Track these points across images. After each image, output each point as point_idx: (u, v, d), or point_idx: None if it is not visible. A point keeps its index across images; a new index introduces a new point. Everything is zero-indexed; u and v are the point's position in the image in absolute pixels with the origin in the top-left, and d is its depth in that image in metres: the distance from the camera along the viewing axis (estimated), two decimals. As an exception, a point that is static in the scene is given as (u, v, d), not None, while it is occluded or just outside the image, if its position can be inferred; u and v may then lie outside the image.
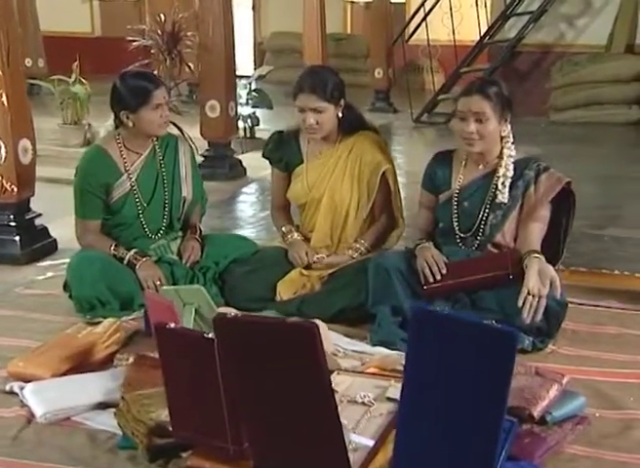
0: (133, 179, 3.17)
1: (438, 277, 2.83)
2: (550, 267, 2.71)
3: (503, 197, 2.86)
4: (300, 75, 3.18)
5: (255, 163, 6.21)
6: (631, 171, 6.20)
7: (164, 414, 2.10)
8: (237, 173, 5.86)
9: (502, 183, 2.86)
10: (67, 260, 3.74)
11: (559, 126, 8.32)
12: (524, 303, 2.63)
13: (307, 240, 3.32)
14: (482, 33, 9.08)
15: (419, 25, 8.95)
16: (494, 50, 9.27)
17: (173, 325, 1.92)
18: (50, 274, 3.61)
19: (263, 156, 3.43)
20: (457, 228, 2.96)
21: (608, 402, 2.39)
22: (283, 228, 3.35)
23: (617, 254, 3.99)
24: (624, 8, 8.57)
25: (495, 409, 1.70)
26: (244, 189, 5.61)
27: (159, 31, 6.13)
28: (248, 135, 6.92)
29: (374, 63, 9.30)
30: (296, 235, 3.30)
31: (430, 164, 3.07)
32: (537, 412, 2.14)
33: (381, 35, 9.12)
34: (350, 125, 3.25)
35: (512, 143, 2.90)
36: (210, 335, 1.86)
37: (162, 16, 6.07)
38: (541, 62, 9.00)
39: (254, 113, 6.92)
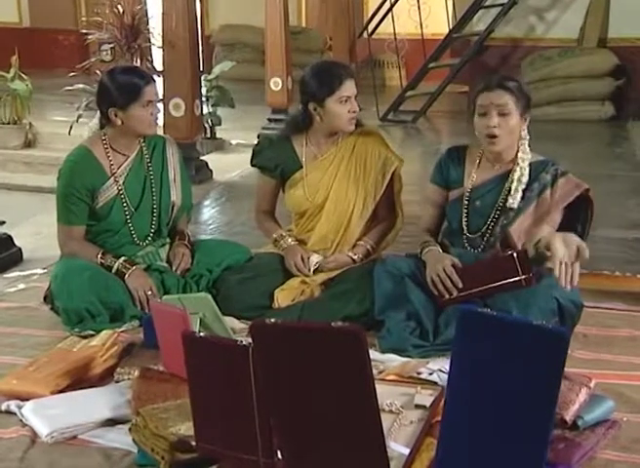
0: (120, 183, 3.18)
1: (454, 294, 2.90)
2: (572, 234, 2.82)
3: (514, 203, 2.97)
4: (319, 71, 3.24)
5: (218, 165, 6.24)
6: (608, 169, 6.33)
7: (183, 428, 2.14)
8: (204, 175, 5.84)
9: (516, 188, 2.97)
10: (37, 271, 3.76)
11: (530, 123, 8.44)
12: (560, 274, 2.74)
13: (301, 241, 3.35)
14: (451, 26, 9.21)
15: (383, 18, 9.05)
16: (458, 44, 9.41)
17: (202, 333, 1.96)
18: (22, 286, 3.60)
19: (254, 165, 3.43)
20: (465, 228, 3.05)
21: (632, 405, 2.50)
22: (274, 234, 3.37)
23: (612, 256, 4.12)
24: (596, 0, 8.76)
25: (544, 412, 1.78)
26: (212, 193, 5.62)
27: (117, 24, 6.15)
28: (209, 135, 6.92)
29: (336, 59, 9.35)
30: (289, 240, 3.33)
31: (443, 158, 3.16)
32: (569, 417, 2.24)
33: (344, 29, 9.14)
34: None
35: (528, 145, 3.02)
36: (244, 343, 1.91)
37: (119, 7, 6.11)
38: (511, 57, 9.11)
39: (215, 112, 6.93)
